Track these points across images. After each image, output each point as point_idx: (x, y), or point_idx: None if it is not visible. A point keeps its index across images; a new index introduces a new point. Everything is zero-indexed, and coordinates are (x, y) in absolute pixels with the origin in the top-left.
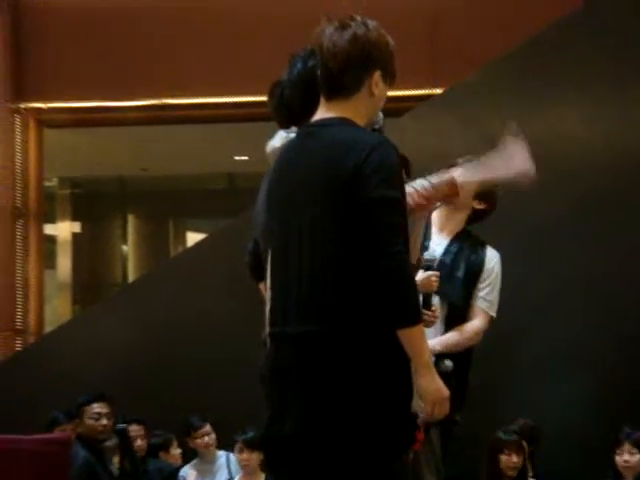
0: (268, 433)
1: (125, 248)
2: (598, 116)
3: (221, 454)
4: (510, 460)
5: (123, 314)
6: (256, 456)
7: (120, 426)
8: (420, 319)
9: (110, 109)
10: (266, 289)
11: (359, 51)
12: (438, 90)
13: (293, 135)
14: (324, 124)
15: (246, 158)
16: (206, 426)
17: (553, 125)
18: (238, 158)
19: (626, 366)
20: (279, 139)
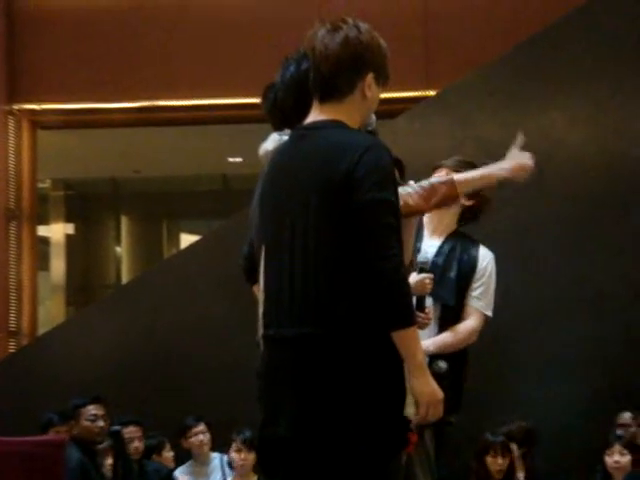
0: (262, 435)
1: (118, 250)
2: (592, 119)
3: (215, 456)
4: (496, 462)
5: (117, 316)
6: (253, 456)
7: (114, 428)
8: (414, 321)
9: (103, 111)
10: (260, 291)
11: (351, 54)
12: (432, 92)
13: (286, 138)
14: (317, 127)
15: (240, 159)
16: (200, 425)
17: (547, 128)
18: (232, 159)
19: (622, 368)
20: (272, 142)
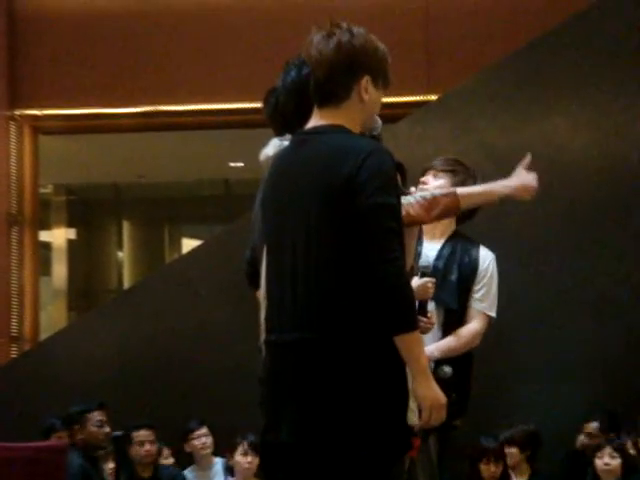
0: (264, 440)
1: (120, 255)
2: (594, 123)
3: (217, 460)
4: (489, 469)
5: (119, 321)
6: (258, 461)
7: (116, 433)
8: (417, 325)
9: (105, 116)
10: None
11: (343, 58)
12: (433, 97)
13: (287, 143)
14: (317, 131)
15: (241, 165)
16: (203, 428)
17: (548, 132)
18: (233, 164)
19: (623, 371)
20: (272, 147)
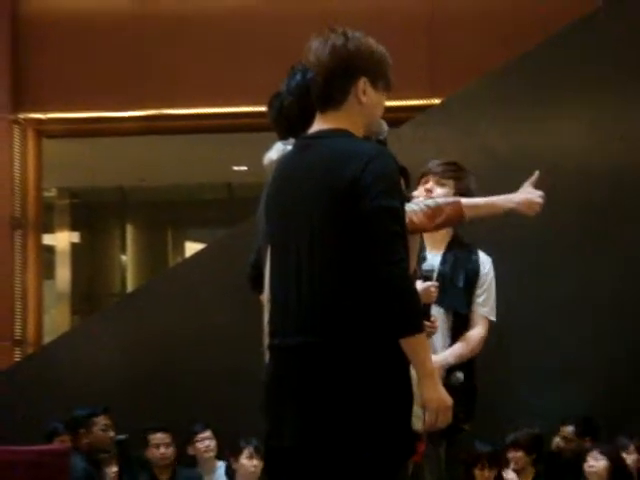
0: (268, 445)
1: (124, 258)
2: (597, 127)
3: (220, 464)
4: (483, 475)
5: (122, 324)
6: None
7: (119, 437)
8: (423, 327)
9: (109, 119)
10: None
11: (338, 61)
12: (437, 100)
13: (290, 147)
14: (320, 136)
15: (245, 168)
16: (207, 432)
17: (551, 136)
18: (237, 168)
19: (625, 375)
20: (276, 151)
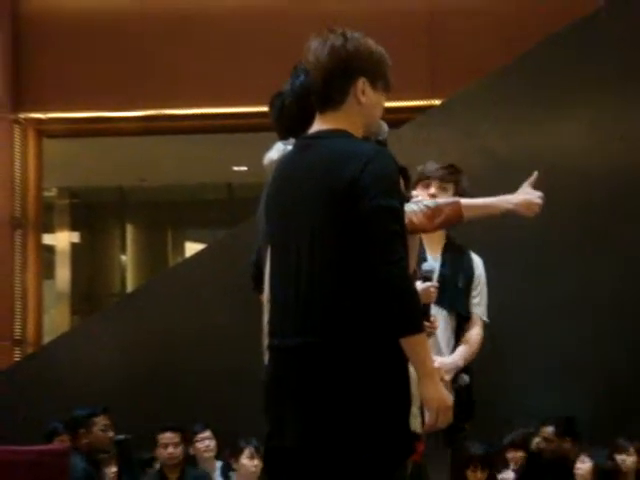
0: (268, 446)
1: (124, 258)
2: (597, 127)
3: (220, 464)
4: (475, 476)
5: (122, 324)
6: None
7: (119, 437)
8: (423, 327)
9: (109, 119)
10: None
11: (337, 62)
12: (437, 101)
13: (290, 147)
14: (320, 136)
15: (245, 168)
16: (207, 431)
17: (551, 137)
18: (237, 168)
19: (624, 376)
20: (276, 151)
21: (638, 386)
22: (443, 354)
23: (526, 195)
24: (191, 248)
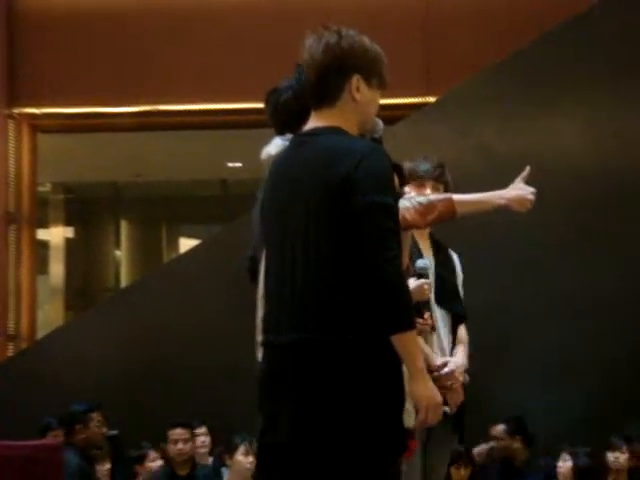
0: (261, 442)
1: (118, 254)
2: (592, 125)
3: (211, 460)
4: (459, 473)
5: (116, 320)
6: None
7: (112, 433)
8: (415, 325)
9: (104, 115)
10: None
11: (331, 59)
12: (432, 98)
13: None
14: (315, 133)
15: (239, 165)
16: (202, 428)
17: (546, 134)
18: (231, 164)
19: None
20: (274, 146)
21: (636, 386)
22: (446, 352)
23: (518, 191)
24: (185, 244)
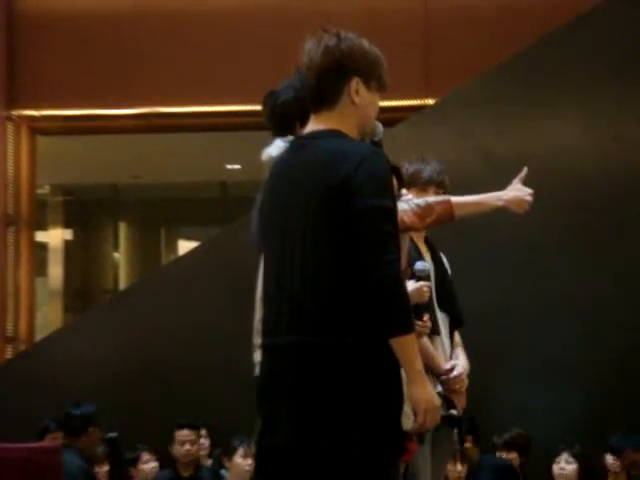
0: (260, 444)
1: (117, 256)
2: (591, 127)
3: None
4: (455, 469)
5: (114, 322)
6: None
7: (110, 435)
8: (413, 328)
9: (102, 117)
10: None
11: (330, 62)
12: (431, 101)
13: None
14: (315, 136)
15: (238, 167)
16: (203, 430)
17: (545, 136)
18: (230, 167)
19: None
20: (276, 148)
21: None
22: (447, 355)
23: (516, 192)
24: (184, 246)
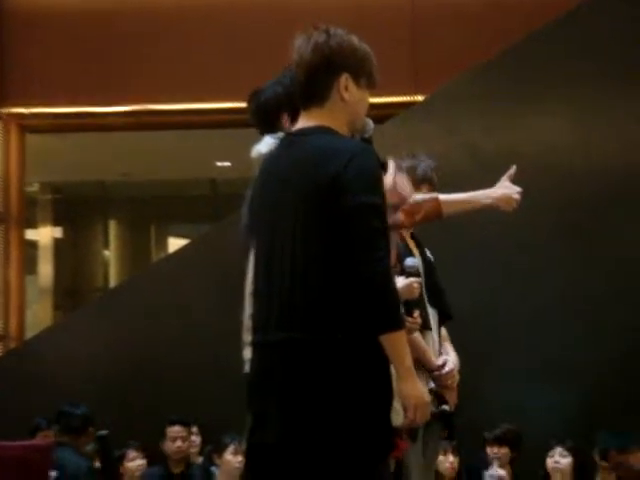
0: (250, 441)
1: (107, 253)
2: (579, 123)
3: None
4: (446, 459)
5: (104, 320)
6: None
7: (101, 433)
8: (403, 324)
9: (92, 114)
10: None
11: (319, 58)
12: (420, 97)
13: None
14: (304, 133)
15: (228, 164)
16: (194, 427)
17: (534, 133)
18: (220, 164)
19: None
20: (265, 145)
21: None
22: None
23: (505, 190)
24: (174, 243)
